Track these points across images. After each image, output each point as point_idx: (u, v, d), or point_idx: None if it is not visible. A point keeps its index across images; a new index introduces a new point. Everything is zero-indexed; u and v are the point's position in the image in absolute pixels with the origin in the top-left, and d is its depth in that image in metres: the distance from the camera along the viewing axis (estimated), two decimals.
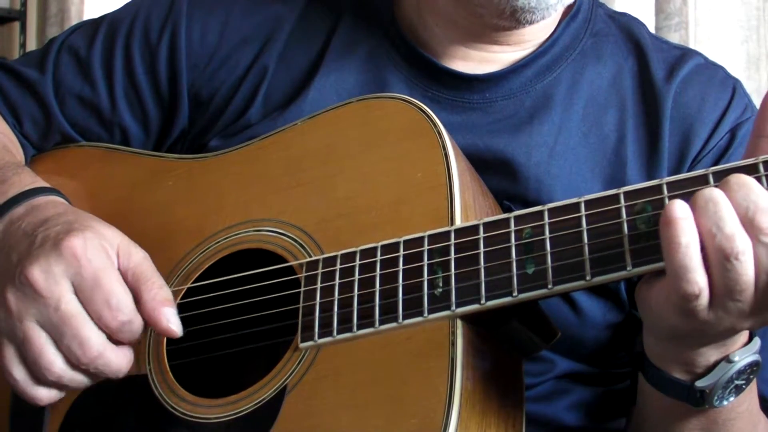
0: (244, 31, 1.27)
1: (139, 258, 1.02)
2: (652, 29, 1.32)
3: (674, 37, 2.00)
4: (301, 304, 1.01)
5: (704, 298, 0.83)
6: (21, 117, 1.33)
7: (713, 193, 0.81)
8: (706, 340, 0.90)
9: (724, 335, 0.88)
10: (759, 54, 2.04)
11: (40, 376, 1.00)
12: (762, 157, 0.83)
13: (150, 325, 1.01)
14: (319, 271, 1.01)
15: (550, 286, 0.89)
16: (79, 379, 1.01)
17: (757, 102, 1.26)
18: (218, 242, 1.11)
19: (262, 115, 1.23)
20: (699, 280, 0.82)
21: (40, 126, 1.33)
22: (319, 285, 1.01)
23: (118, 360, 1.00)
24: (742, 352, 0.92)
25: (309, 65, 1.24)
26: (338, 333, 0.98)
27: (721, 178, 0.84)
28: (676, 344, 0.92)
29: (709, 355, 0.92)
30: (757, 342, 0.94)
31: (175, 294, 1.09)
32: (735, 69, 1.29)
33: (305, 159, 1.10)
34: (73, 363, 0.99)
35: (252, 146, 1.16)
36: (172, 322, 1.01)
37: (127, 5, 1.35)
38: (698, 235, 0.81)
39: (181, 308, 1.10)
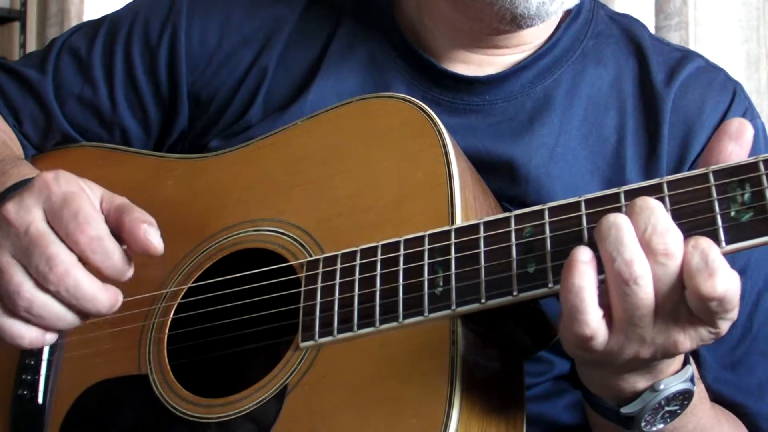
0: (244, 32, 1.27)
1: (122, 200, 1.00)
2: (652, 29, 1.32)
3: (674, 37, 2.00)
4: (301, 304, 1.01)
5: (599, 338, 0.83)
6: (21, 117, 1.33)
7: (617, 219, 0.81)
8: (619, 368, 0.89)
9: (634, 364, 0.87)
10: (759, 54, 2.03)
11: (11, 306, 0.97)
12: (762, 156, 0.83)
13: (129, 244, 0.97)
14: (320, 270, 1.01)
15: (550, 285, 0.89)
16: (52, 307, 0.96)
17: (757, 103, 1.27)
18: (219, 242, 1.12)
19: (262, 115, 1.23)
20: (591, 322, 0.82)
21: (41, 126, 1.33)
22: (319, 284, 1.01)
23: (92, 285, 0.96)
24: (670, 381, 0.92)
25: (309, 67, 1.24)
26: (339, 332, 0.98)
27: (721, 177, 0.84)
28: (596, 371, 0.92)
29: (635, 382, 0.91)
30: (688, 370, 0.93)
31: (175, 293, 1.10)
32: (735, 69, 1.29)
33: (305, 158, 1.10)
34: (42, 285, 0.96)
35: (252, 146, 1.17)
36: (150, 234, 0.96)
37: (127, 6, 1.36)
38: (601, 263, 0.81)
39: (182, 308, 1.10)
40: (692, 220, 0.84)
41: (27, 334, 0.98)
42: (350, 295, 0.98)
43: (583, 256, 0.82)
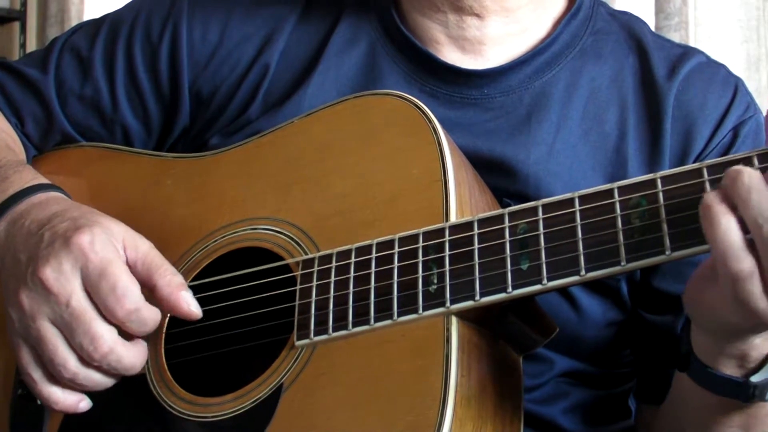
0: (246, 29, 1.27)
1: (146, 248, 1.04)
2: (651, 29, 1.32)
3: (674, 37, 2.00)
4: (297, 302, 1.01)
5: (756, 278, 0.81)
6: (23, 116, 1.33)
7: (753, 181, 0.80)
8: (754, 329, 0.88)
9: None
10: (759, 54, 2.04)
11: (56, 375, 1.01)
12: (756, 150, 0.83)
13: (169, 311, 1.03)
14: (315, 268, 1.01)
15: (544, 282, 0.89)
16: (95, 378, 1.01)
17: (759, 101, 1.26)
18: (215, 241, 1.12)
19: (261, 111, 1.23)
20: (746, 256, 0.81)
21: (42, 125, 1.33)
22: (314, 283, 1.01)
23: (131, 355, 1.01)
24: None
25: (309, 61, 1.24)
26: (334, 331, 0.98)
27: (716, 171, 0.84)
28: (733, 340, 0.91)
29: (764, 347, 0.91)
30: None
31: None
32: (735, 69, 1.28)
33: (302, 157, 1.10)
34: (86, 360, 1.00)
35: (249, 144, 1.16)
36: (191, 304, 1.03)
37: (128, 5, 1.36)
38: (743, 224, 0.81)
39: None
40: (687, 215, 0.84)
41: (63, 400, 1.04)
42: (345, 293, 0.98)
43: (714, 199, 0.81)
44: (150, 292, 1.02)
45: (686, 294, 0.90)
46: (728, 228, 0.81)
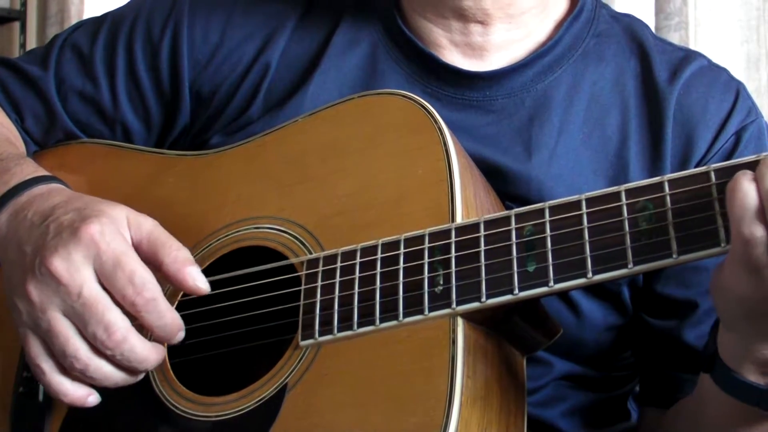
0: (247, 28, 1.27)
1: (150, 226, 1.03)
2: (651, 29, 1.32)
3: (674, 37, 2.01)
4: (301, 302, 1.01)
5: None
6: (23, 113, 1.33)
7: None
8: None
9: None
10: (759, 54, 2.04)
11: (67, 366, 1.00)
12: (764, 154, 0.83)
13: (176, 287, 1.02)
14: (320, 268, 1.01)
15: (551, 284, 0.89)
16: (106, 369, 1.00)
17: (759, 101, 1.27)
18: (219, 239, 1.12)
19: (262, 111, 1.23)
20: (759, 221, 0.81)
21: (42, 122, 1.33)
22: (319, 283, 1.01)
23: (145, 347, 1.00)
24: None
25: (310, 61, 1.24)
26: (339, 331, 0.98)
27: (723, 175, 0.84)
28: (753, 330, 0.90)
29: None
30: None
31: (176, 292, 1.09)
32: (735, 69, 1.29)
33: (306, 156, 1.10)
34: (99, 350, 0.99)
35: (253, 143, 1.16)
36: (198, 279, 1.01)
37: (129, 3, 1.36)
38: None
39: (182, 306, 1.10)
40: (694, 218, 0.85)
41: (72, 393, 1.02)
42: (350, 293, 0.99)
43: (741, 173, 0.83)
44: (156, 270, 1.01)
45: (710, 283, 0.90)
46: (747, 193, 0.81)
